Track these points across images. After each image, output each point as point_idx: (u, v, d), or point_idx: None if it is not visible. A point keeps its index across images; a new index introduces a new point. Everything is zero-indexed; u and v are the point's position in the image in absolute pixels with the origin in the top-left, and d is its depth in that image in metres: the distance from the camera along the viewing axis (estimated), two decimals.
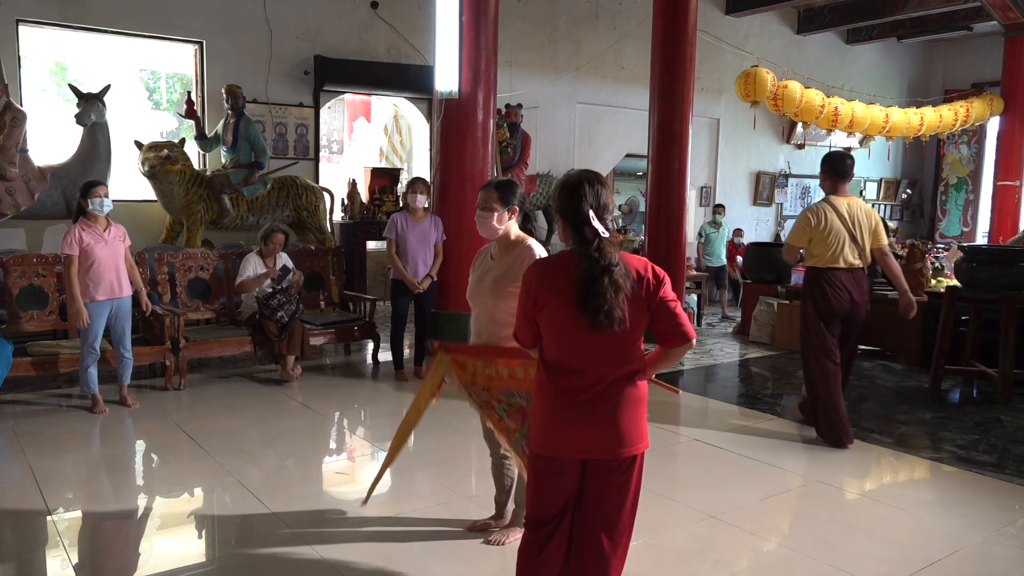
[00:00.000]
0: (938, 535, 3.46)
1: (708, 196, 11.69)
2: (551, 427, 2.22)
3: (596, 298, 2.07)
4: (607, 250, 2.11)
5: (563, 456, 2.21)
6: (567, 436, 2.19)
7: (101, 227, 4.94)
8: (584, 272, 2.10)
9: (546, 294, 2.18)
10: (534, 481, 2.30)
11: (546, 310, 2.19)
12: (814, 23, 12.05)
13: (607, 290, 2.07)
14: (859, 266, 4.64)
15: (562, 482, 2.24)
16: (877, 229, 4.69)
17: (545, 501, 2.27)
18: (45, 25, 6.94)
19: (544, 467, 2.26)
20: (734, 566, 3.15)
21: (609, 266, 2.09)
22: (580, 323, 2.11)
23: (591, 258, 2.10)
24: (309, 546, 3.21)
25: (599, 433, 2.18)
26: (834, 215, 4.61)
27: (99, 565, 3.16)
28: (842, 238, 4.59)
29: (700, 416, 5.56)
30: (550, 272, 2.22)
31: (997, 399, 5.73)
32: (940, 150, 14.19)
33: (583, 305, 2.09)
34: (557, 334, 2.20)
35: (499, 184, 3.05)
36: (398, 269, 5.87)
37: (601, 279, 2.08)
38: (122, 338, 5.09)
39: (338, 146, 10.68)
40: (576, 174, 2.25)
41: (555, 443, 2.21)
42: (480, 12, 6.01)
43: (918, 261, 7.09)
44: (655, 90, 7.63)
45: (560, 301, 2.15)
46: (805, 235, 4.68)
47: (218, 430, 4.78)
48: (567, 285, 2.13)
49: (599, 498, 2.24)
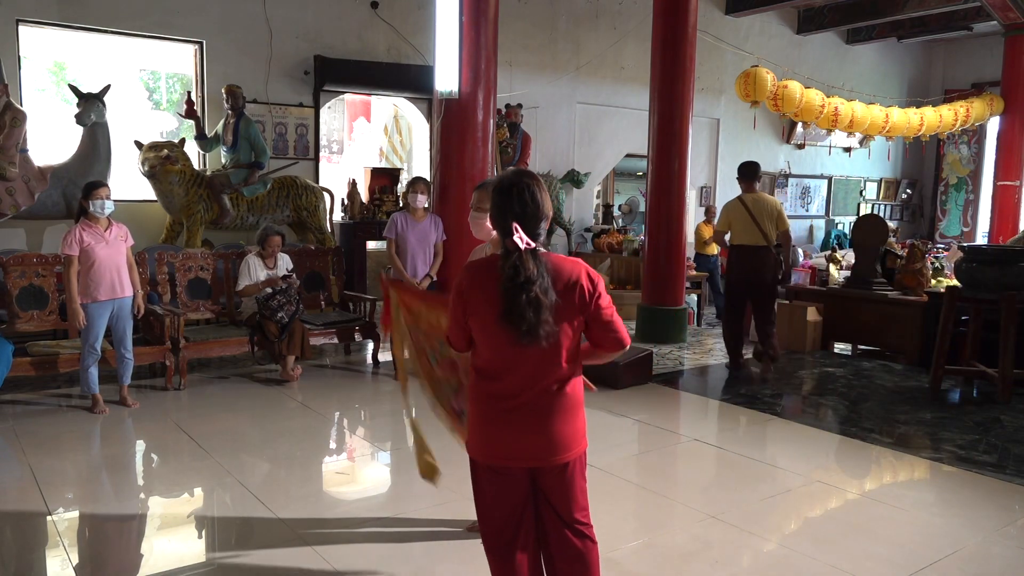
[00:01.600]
0: (938, 535, 3.46)
1: (708, 196, 11.69)
2: (484, 433, 2.18)
3: (516, 316, 2.00)
4: (526, 265, 2.01)
5: (497, 463, 2.18)
6: (500, 442, 2.15)
7: (102, 227, 4.94)
8: (504, 286, 2.02)
9: (477, 300, 2.11)
10: (476, 489, 2.26)
11: (476, 316, 2.12)
12: (814, 23, 12.04)
13: (525, 308, 1.99)
14: (763, 244, 6.28)
15: (505, 487, 2.19)
16: (779, 217, 6.30)
17: (492, 509, 2.22)
18: (45, 25, 6.94)
19: (483, 474, 2.22)
20: (734, 566, 3.15)
21: (526, 283, 1.99)
22: (508, 333, 2.05)
23: (506, 273, 2.01)
24: (309, 546, 3.21)
25: (531, 440, 2.13)
26: (743, 207, 6.32)
27: (99, 565, 3.16)
28: (748, 223, 6.28)
29: (700, 416, 5.56)
30: (482, 277, 2.13)
31: (997, 399, 5.73)
32: (940, 150, 14.20)
33: (507, 320, 2.02)
34: (487, 340, 2.14)
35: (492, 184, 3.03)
36: (397, 269, 5.87)
37: (519, 296, 1.99)
38: (123, 338, 5.09)
39: (338, 146, 10.67)
40: (510, 176, 2.15)
41: (489, 449, 2.17)
42: (480, 12, 6.00)
43: (918, 261, 7.09)
44: (655, 90, 7.64)
45: (490, 308, 2.07)
46: (725, 221, 6.46)
47: (218, 430, 4.78)
48: (496, 293, 2.05)
49: (547, 499, 2.21)
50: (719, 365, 6.92)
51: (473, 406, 2.22)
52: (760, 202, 6.32)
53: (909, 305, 6.97)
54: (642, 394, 5.79)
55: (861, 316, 7.32)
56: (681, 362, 7.01)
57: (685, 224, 7.79)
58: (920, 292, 7.01)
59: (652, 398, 5.73)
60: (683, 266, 7.82)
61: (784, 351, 7.40)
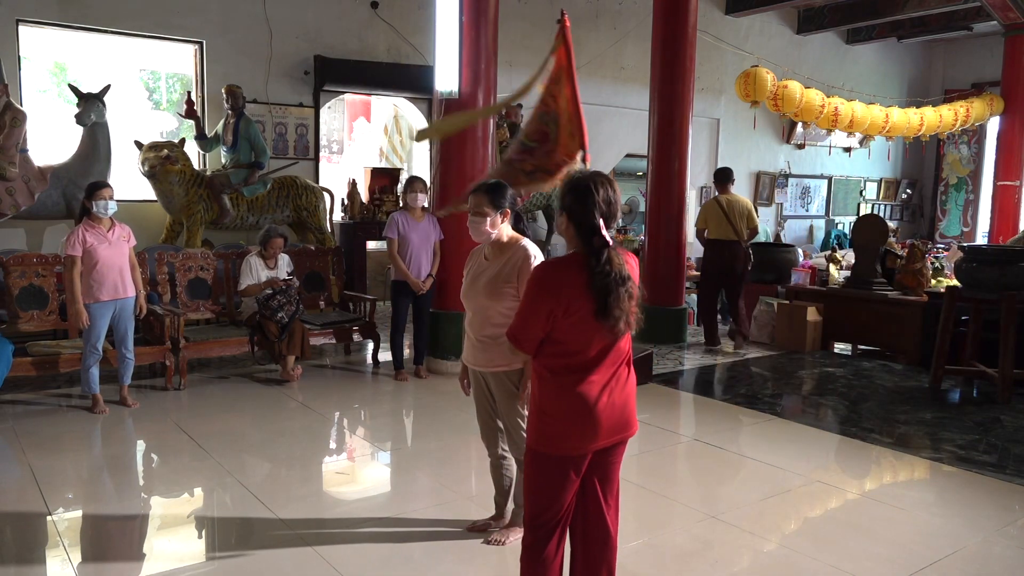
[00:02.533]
0: (938, 535, 3.46)
1: (708, 196, 11.68)
2: (575, 426, 2.24)
3: (616, 309, 2.15)
4: (616, 261, 2.16)
5: (586, 452, 2.27)
6: (593, 433, 2.24)
7: (105, 227, 4.94)
8: (600, 284, 2.15)
9: (571, 296, 2.18)
10: (543, 482, 2.30)
11: (570, 312, 2.18)
12: (814, 23, 12.04)
13: (624, 301, 2.15)
14: (734, 239, 7.14)
15: (573, 479, 2.29)
16: (749, 216, 7.18)
17: (555, 501, 2.29)
18: (45, 25, 6.94)
19: (559, 466, 2.27)
20: (734, 566, 3.15)
21: (625, 278, 2.16)
22: (602, 325, 2.18)
23: (604, 271, 2.15)
24: (309, 546, 3.21)
25: (616, 419, 2.27)
26: (718, 206, 7.20)
27: (99, 565, 3.16)
28: (722, 221, 7.14)
29: (700, 416, 5.56)
30: (571, 274, 2.20)
31: (997, 399, 5.73)
32: (940, 150, 14.20)
33: (603, 315, 2.15)
34: (579, 335, 2.21)
35: (489, 187, 2.99)
36: (401, 270, 5.86)
37: (618, 291, 2.15)
38: (125, 338, 5.09)
39: (338, 146, 10.67)
40: (588, 176, 2.24)
41: (581, 441, 2.24)
42: (480, 12, 6.00)
43: (918, 261, 7.10)
44: (655, 90, 7.63)
45: (585, 303, 2.17)
46: (702, 219, 7.37)
47: (218, 430, 4.78)
48: (585, 286, 2.16)
49: (604, 478, 2.35)
50: (719, 365, 6.92)
51: (559, 405, 2.25)
52: (733, 202, 7.18)
53: (909, 305, 6.97)
54: (642, 394, 5.74)
55: (861, 316, 7.33)
56: (681, 362, 7.01)
57: (685, 224, 7.79)
58: (920, 292, 7.01)
59: (652, 398, 5.73)
60: (683, 266, 7.82)
61: (784, 351, 7.42)
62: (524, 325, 2.25)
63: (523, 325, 2.25)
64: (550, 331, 2.22)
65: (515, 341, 2.28)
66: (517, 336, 2.27)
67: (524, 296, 2.29)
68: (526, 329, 2.24)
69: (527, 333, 2.25)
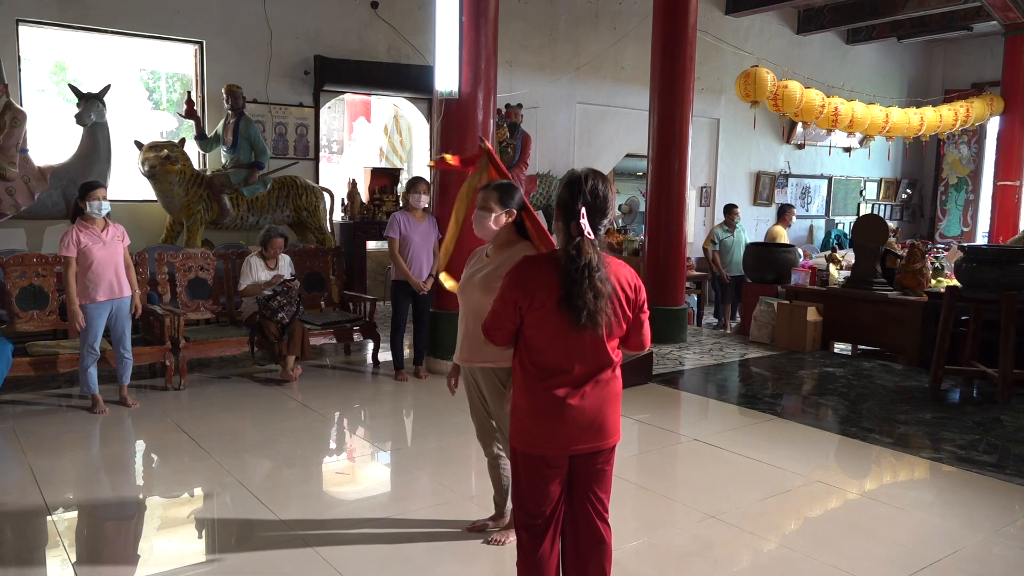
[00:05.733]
0: (938, 535, 3.46)
1: (708, 196, 11.69)
2: (539, 425, 2.25)
3: (578, 299, 2.11)
4: (585, 249, 2.12)
5: (552, 453, 2.26)
6: (556, 433, 2.24)
7: (99, 227, 4.94)
8: (565, 268, 2.13)
9: (535, 285, 2.19)
10: (525, 480, 2.33)
11: (535, 303, 2.19)
12: (814, 23, 12.04)
13: (586, 292, 2.10)
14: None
15: (553, 476, 2.29)
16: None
17: (538, 498, 2.31)
18: (45, 25, 6.94)
19: (533, 464, 2.29)
20: (734, 566, 3.15)
21: (589, 266, 2.11)
22: (566, 320, 2.15)
23: (571, 256, 2.12)
24: (309, 547, 3.21)
25: (587, 426, 2.24)
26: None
27: (99, 565, 3.15)
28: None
29: (700, 416, 5.56)
30: (539, 267, 2.23)
31: (997, 399, 5.73)
32: (940, 150, 14.19)
33: (567, 304, 2.12)
34: (545, 330, 2.21)
35: (499, 186, 3.04)
36: (402, 270, 5.86)
37: (581, 280, 2.10)
38: (122, 338, 5.09)
39: (338, 146, 10.67)
40: (582, 170, 2.27)
41: (546, 440, 2.25)
42: (480, 12, 6.00)
43: (918, 261, 7.09)
44: (655, 90, 7.63)
45: (550, 294, 2.16)
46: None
47: (218, 430, 4.78)
48: (556, 279, 2.15)
49: (584, 484, 2.32)
50: (719, 365, 6.92)
51: (525, 400, 2.28)
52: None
53: (909, 305, 6.97)
54: (642, 394, 5.79)
55: (861, 316, 7.33)
56: (681, 362, 7.01)
57: (685, 224, 7.79)
58: (920, 292, 7.01)
59: (652, 398, 5.73)
60: (683, 266, 7.82)
61: (784, 351, 7.42)
62: (494, 315, 2.30)
63: (492, 315, 2.31)
64: (520, 325, 2.25)
65: (486, 332, 2.34)
66: (487, 326, 2.33)
67: (499, 289, 2.32)
68: (495, 318, 2.30)
69: (495, 322, 2.30)
